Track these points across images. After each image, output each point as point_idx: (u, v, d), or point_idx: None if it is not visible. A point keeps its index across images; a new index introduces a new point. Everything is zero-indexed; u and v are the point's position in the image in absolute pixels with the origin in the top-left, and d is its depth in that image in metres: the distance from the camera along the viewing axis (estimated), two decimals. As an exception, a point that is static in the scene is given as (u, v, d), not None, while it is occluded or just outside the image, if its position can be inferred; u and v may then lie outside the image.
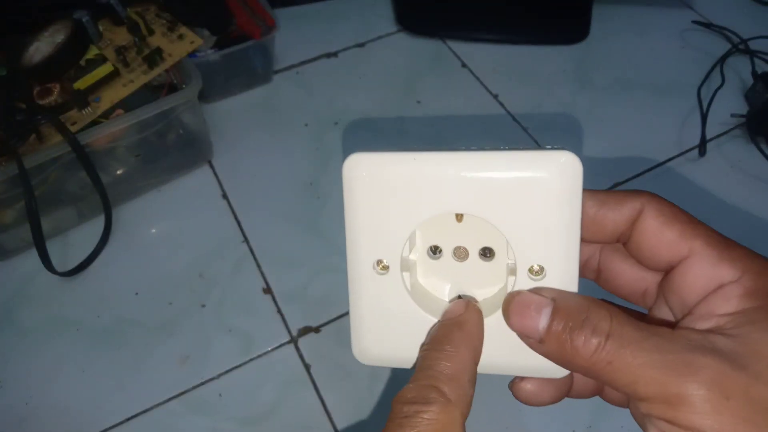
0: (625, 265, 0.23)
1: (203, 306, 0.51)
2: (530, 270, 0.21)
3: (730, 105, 0.64)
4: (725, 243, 0.20)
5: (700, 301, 0.20)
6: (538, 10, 0.72)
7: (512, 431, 0.45)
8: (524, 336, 0.21)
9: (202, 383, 0.47)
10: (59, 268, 0.51)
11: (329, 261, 0.53)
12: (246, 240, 0.55)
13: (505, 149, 0.21)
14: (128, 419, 0.46)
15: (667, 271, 0.21)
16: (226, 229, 0.55)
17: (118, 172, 0.55)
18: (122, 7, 0.55)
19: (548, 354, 0.20)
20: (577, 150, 0.20)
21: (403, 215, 0.22)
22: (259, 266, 0.53)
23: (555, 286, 0.21)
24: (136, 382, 0.47)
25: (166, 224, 0.56)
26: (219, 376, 0.48)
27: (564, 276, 0.21)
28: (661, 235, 0.21)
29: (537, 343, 0.20)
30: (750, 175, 0.60)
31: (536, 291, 0.21)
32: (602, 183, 0.59)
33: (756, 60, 0.67)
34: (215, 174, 0.59)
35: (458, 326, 0.21)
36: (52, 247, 0.52)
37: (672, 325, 0.20)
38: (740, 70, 0.67)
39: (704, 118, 0.63)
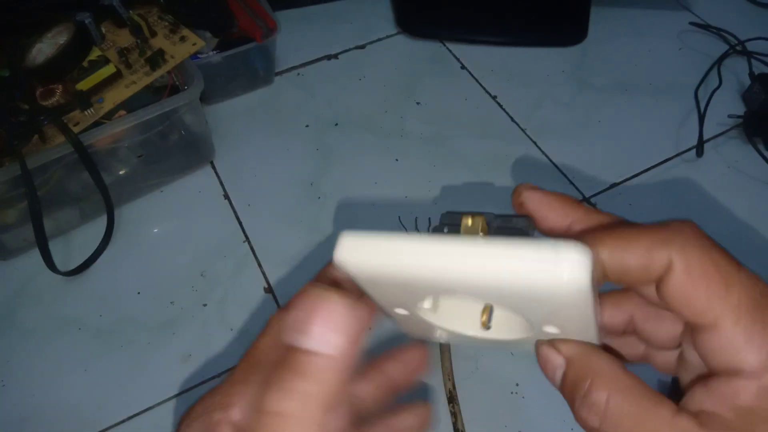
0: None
1: (205, 305, 0.51)
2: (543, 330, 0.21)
3: (727, 106, 0.64)
4: (757, 315, 0.18)
5: (715, 377, 0.19)
6: (537, 13, 0.73)
7: (511, 430, 0.46)
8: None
9: (204, 382, 0.48)
10: (61, 268, 0.52)
11: (330, 261, 0.54)
12: (247, 240, 0.55)
13: (511, 238, 0.18)
14: (130, 418, 0.46)
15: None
16: (228, 229, 0.56)
17: (121, 172, 0.56)
18: (125, 9, 0.56)
19: None
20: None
21: (401, 300, 0.22)
22: (260, 266, 0.54)
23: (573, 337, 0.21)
24: (138, 381, 0.48)
25: (168, 224, 0.56)
26: (220, 375, 0.48)
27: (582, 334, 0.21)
28: (687, 296, 0.19)
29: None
30: (747, 175, 0.60)
31: (556, 345, 0.21)
32: (600, 184, 0.59)
33: (753, 61, 0.68)
34: (217, 174, 0.60)
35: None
36: (55, 247, 0.52)
37: (682, 394, 0.20)
38: (737, 71, 0.68)
39: (702, 118, 0.63)
